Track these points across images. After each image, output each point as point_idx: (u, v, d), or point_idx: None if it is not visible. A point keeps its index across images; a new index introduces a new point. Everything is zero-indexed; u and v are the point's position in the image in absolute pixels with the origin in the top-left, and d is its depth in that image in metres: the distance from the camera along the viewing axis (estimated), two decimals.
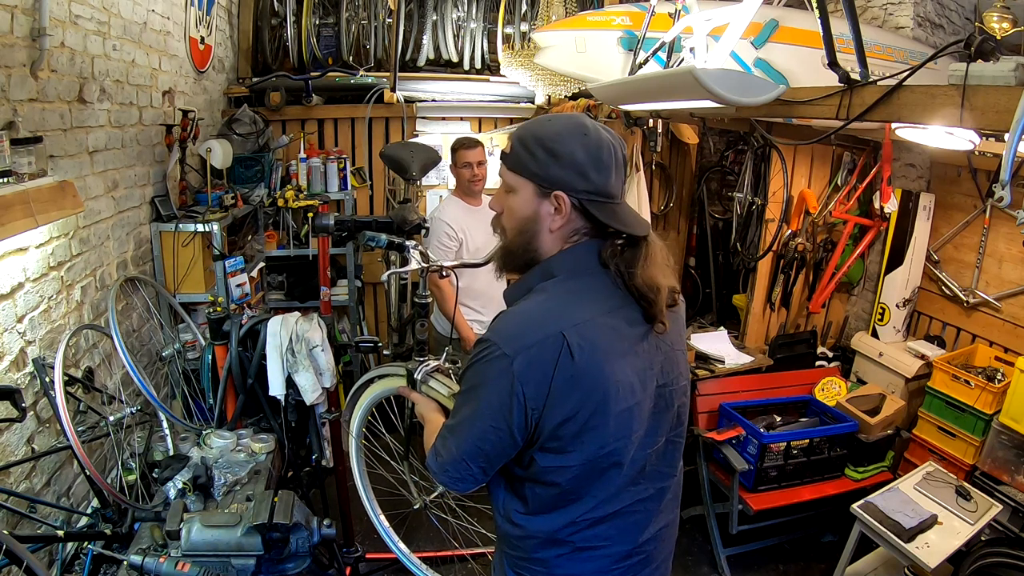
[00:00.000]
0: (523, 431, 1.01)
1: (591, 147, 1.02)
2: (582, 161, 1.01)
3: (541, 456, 1.03)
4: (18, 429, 1.71)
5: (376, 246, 2.00)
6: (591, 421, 1.00)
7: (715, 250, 4.27)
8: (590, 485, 1.06)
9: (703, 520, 2.82)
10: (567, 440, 1.01)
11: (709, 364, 3.03)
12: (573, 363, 0.97)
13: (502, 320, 1.05)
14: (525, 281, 1.11)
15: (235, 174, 3.24)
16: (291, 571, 1.53)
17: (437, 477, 1.11)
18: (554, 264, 1.08)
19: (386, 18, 3.97)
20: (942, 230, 3.26)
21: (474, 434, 1.04)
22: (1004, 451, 2.52)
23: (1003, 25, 2.35)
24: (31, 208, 1.61)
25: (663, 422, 1.13)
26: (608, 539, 1.10)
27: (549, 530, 1.08)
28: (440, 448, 1.10)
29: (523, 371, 0.97)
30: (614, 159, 1.04)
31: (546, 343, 0.98)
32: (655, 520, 1.15)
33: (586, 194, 1.03)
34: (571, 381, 0.98)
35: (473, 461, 1.05)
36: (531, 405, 0.98)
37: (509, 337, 1.00)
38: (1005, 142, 1.21)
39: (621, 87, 2.55)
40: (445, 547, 2.33)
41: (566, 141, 1.02)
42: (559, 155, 1.02)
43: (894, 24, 3.34)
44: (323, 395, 2.06)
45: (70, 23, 1.99)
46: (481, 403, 1.02)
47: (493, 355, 0.99)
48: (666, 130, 3.78)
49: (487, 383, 1.01)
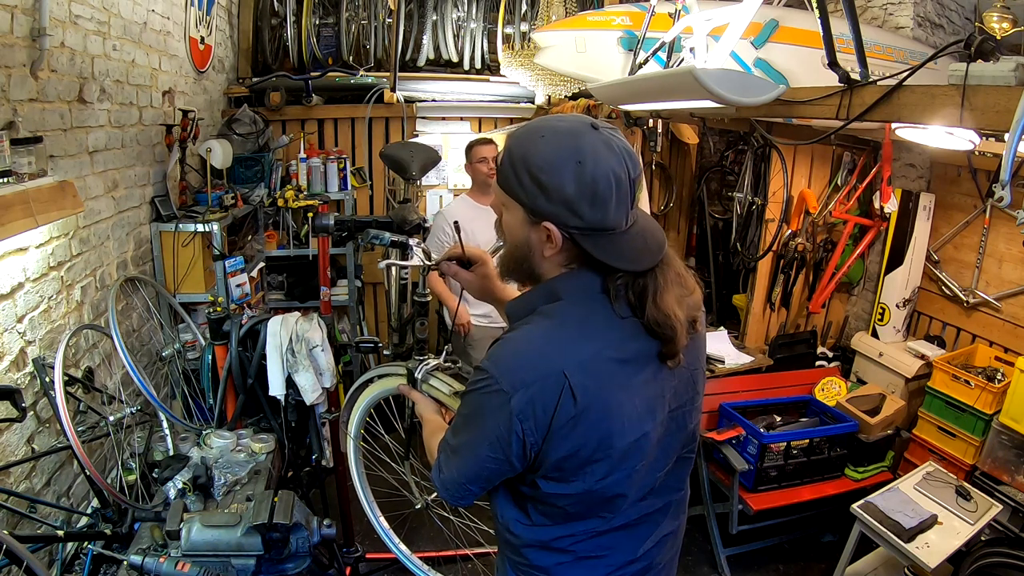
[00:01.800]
0: (522, 460, 0.99)
1: (585, 180, 0.90)
2: (572, 197, 0.90)
3: (544, 483, 1.02)
4: (18, 429, 1.71)
5: (380, 244, 2.01)
6: (594, 456, 0.97)
7: (715, 250, 4.27)
8: (594, 508, 1.05)
9: (703, 520, 2.82)
10: (569, 472, 0.99)
11: (709, 364, 3.03)
12: (575, 404, 0.93)
13: (502, 349, 1.00)
14: (529, 300, 1.05)
15: (235, 174, 3.24)
16: (291, 571, 1.53)
17: (439, 492, 1.11)
18: (559, 286, 1.00)
19: (386, 18, 3.97)
20: (942, 230, 3.26)
21: (474, 460, 1.03)
22: (1004, 451, 2.52)
23: (1003, 25, 2.35)
24: (31, 208, 1.61)
25: (674, 443, 1.09)
26: (610, 548, 1.09)
27: (549, 539, 1.08)
28: (443, 465, 1.09)
29: (522, 409, 0.93)
30: (614, 189, 0.91)
31: (547, 382, 0.93)
32: (659, 530, 1.14)
33: (578, 230, 0.93)
34: (572, 422, 0.94)
35: (473, 484, 1.06)
36: (530, 440, 0.96)
37: (508, 371, 0.96)
38: (1005, 142, 1.21)
39: (621, 87, 2.55)
40: (447, 547, 2.33)
41: (556, 172, 0.91)
42: (547, 188, 0.91)
43: (894, 24, 3.34)
44: (323, 395, 2.06)
45: (70, 23, 1.99)
46: (480, 433, 1.01)
47: (491, 388, 0.96)
48: (666, 130, 3.78)
49: (485, 415, 0.99)
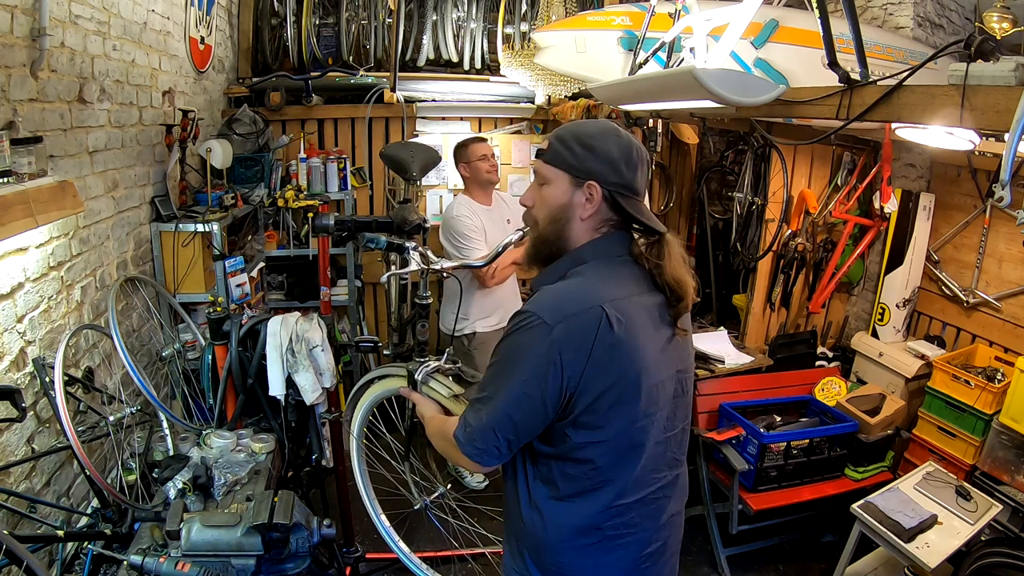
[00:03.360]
0: (556, 401, 1.03)
1: (624, 146, 1.13)
2: (616, 157, 1.12)
3: (575, 432, 1.06)
4: (18, 429, 1.71)
5: (375, 247, 2.01)
6: (626, 394, 1.05)
7: (715, 250, 4.27)
8: (619, 465, 1.09)
9: (703, 520, 2.82)
10: (601, 414, 1.05)
11: (709, 364, 3.03)
12: (613, 334, 1.03)
13: (540, 296, 1.10)
14: (556, 268, 1.17)
15: (235, 174, 3.24)
16: (291, 571, 1.53)
17: (463, 448, 1.11)
18: (586, 251, 1.15)
19: (386, 18, 3.97)
20: (942, 230, 3.26)
21: (506, 403, 1.05)
22: (1004, 451, 2.52)
23: (1003, 25, 2.35)
24: (31, 208, 1.61)
25: (680, 407, 1.19)
26: (635, 526, 1.13)
27: (581, 517, 1.10)
28: (470, 418, 1.11)
29: (563, 338, 1.01)
30: (641, 159, 1.14)
31: (587, 315, 1.03)
32: (669, 507, 1.20)
33: (616, 187, 1.13)
34: (611, 351, 1.03)
35: (501, 431, 1.07)
36: (568, 372, 1.02)
37: (549, 308, 1.05)
38: (1005, 142, 1.21)
39: (621, 87, 2.55)
40: (445, 547, 2.33)
41: (602, 139, 1.13)
42: (596, 150, 1.12)
43: (894, 24, 3.34)
44: (323, 395, 2.06)
45: (70, 23, 1.99)
46: (515, 371, 1.05)
47: (533, 323, 1.04)
48: (666, 130, 3.78)
49: (524, 349, 1.05)
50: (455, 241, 2.77)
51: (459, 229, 2.76)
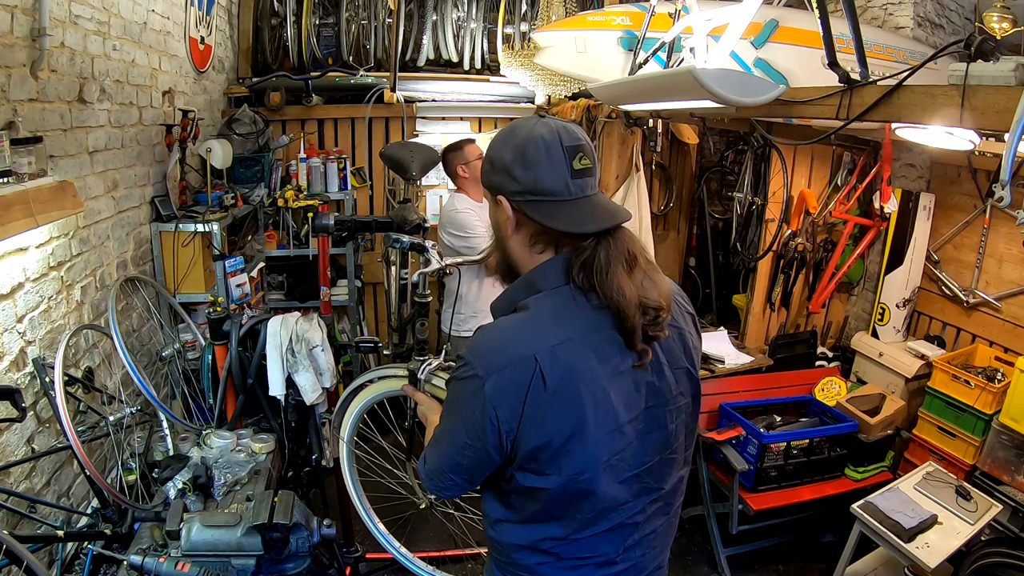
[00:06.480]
0: (499, 450, 1.00)
1: (517, 147, 1.01)
2: (508, 162, 1.01)
3: (521, 475, 1.02)
4: (18, 429, 1.71)
5: (399, 247, 2.04)
6: (567, 446, 0.98)
7: (715, 250, 4.27)
8: (572, 506, 1.04)
9: (703, 520, 2.82)
10: (544, 463, 0.99)
11: (709, 364, 3.03)
12: (545, 390, 0.95)
13: (480, 336, 1.04)
14: (511, 294, 1.09)
15: (235, 174, 3.24)
16: (291, 571, 1.53)
17: (424, 484, 1.14)
18: (537, 277, 1.04)
19: (386, 18, 3.97)
20: (942, 230, 3.26)
21: (453, 449, 1.04)
22: (1004, 451, 2.52)
23: (1003, 25, 2.34)
24: (31, 208, 1.61)
25: (653, 442, 1.08)
26: (591, 552, 1.08)
27: (533, 540, 1.08)
28: (428, 456, 1.12)
29: (495, 394, 0.96)
30: (543, 153, 0.99)
31: (519, 366, 0.96)
32: (639, 531, 1.11)
33: (516, 195, 1.02)
34: (543, 408, 0.96)
35: (455, 473, 1.07)
36: (504, 428, 0.97)
37: (483, 356, 0.99)
38: (1005, 142, 1.21)
39: (621, 87, 2.55)
40: (448, 546, 2.33)
41: (498, 147, 1.05)
42: (492, 160, 1.05)
43: (894, 24, 3.34)
44: (323, 395, 2.06)
45: (70, 23, 1.99)
46: (457, 420, 1.03)
47: (467, 374, 0.99)
48: (666, 130, 3.78)
49: (462, 401, 1.02)
50: (459, 234, 2.77)
51: (463, 222, 2.77)
